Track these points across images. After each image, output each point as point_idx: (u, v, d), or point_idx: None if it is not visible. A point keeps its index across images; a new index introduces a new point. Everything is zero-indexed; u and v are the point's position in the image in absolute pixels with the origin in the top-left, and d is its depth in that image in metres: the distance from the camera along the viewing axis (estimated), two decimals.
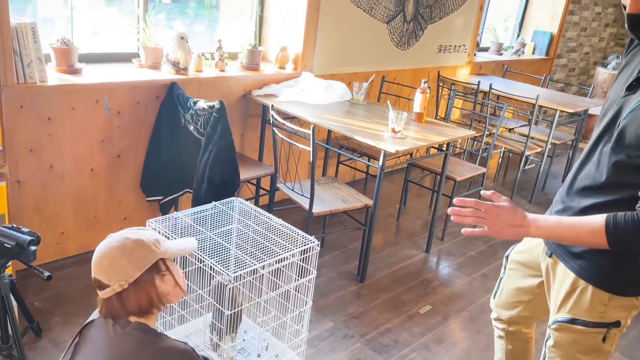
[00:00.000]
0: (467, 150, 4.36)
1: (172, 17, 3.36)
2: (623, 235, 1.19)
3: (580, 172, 1.38)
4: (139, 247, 1.29)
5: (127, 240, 1.30)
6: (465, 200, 1.33)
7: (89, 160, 2.73)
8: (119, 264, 1.27)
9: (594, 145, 1.34)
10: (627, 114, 1.23)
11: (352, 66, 3.88)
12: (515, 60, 5.63)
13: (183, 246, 1.39)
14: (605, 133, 1.30)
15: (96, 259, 1.30)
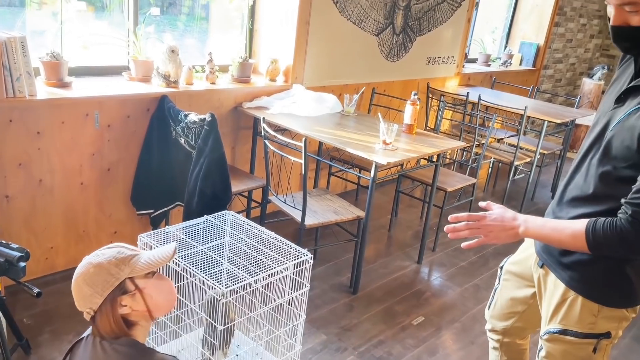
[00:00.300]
0: (457, 161, 4.39)
1: (162, 29, 3.36)
2: (600, 240, 1.23)
3: (570, 183, 1.40)
4: (99, 272, 1.26)
5: (89, 266, 1.28)
6: (458, 216, 1.40)
7: (79, 174, 2.71)
8: (82, 292, 1.27)
9: (584, 157, 1.36)
10: (614, 126, 1.26)
11: (342, 78, 3.90)
12: (503, 71, 5.70)
13: (154, 259, 1.32)
14: (594, 144, 1.33)
15: (72, 287, 1.30)
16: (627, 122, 1.22)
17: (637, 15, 1.17)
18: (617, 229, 1.21)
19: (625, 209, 1.21)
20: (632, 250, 1.23)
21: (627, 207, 1.20)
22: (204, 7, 3.57)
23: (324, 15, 3.55)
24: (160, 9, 3.28)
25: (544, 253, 1.47)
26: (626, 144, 1.22)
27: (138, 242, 1.90)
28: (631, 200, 1.20)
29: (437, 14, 4.45)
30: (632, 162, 1.21)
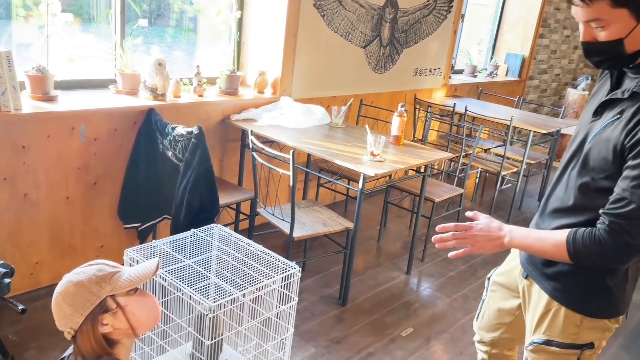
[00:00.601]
0: (445, 171, 4.41)
1: (150, 40, 3.36)
2: (580, 250, 1.25)
3: (552, 195, 1.42)
4: (79, 291, 1.25)
5: (69, 285, 1.27)
6: (445, 226, 1.42)
7: (65, 188, 2.69)
8: (63, 311, 1.26)
9: (564, 168, 1.39)
10: (592, 138, 1.29)
11: (330, 90, 3.92)
12: (489, 82, 5.76)
13: (136, 275, 1.31)
14: (574, 157, 1.35)
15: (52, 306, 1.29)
16: (603, 134, 1.25)
17: (603, 31, 1.19)
18: (596, 239, 1.23)
19: (603, 219, 1.23)
20: (611, 260, 1.25)
21: (605, 217, 1.23)
22: (192, 19, 3.58)
23: (311, 27, 3.58)
24: (148, 21, 3.29)
25: (528, 264, 1.48)
26: (602, 155, 1.24)
27: (124, 257, 1.88)
28: (608, 211, 1.22)
29: (423, 26, 4.49)
30: (609, 173, 1.24)
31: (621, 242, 1.20)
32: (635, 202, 1.16)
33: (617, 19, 1.16)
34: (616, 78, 1.31)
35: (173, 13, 3.50)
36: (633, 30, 1.16)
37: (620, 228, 1.19)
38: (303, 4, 3.46)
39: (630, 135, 1.17)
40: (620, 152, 1.20)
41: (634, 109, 1.19)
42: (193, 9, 3.54)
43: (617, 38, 1.18)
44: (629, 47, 1.19)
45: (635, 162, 1.16)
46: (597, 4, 1.16)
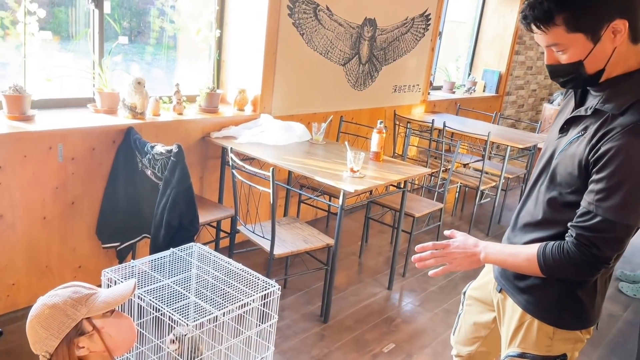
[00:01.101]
0: (425, 187, 4.46)
1: (130, 58, 3.37)
2: (551, 264, 1.29)
3: (522, 210, 1.46)
4: (54, 314, 1.24)
5: (44, 307, 1.26)
6: (423, 245, 1.46)
7: (42, 209, 2.66)
8: (38, 334, 1.25)
9: (534, 184, 1.42)
10: (558, 154, 1.33)
11: (310, 107, 3.95)
12: (468, 98, 5.86)
13: (112, 297, 1.30)
14: (542, 172, 1.39)
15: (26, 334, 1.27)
16: (569, 150, 1.29)
17: (564, 54, 1.25)
18: (565, 252, 1.26)
19: (571, 232, 1.27)
20: (580, 271, 1.27)
21: (573, 230, 1.26)
22: (172, 37, 3.60)
23: (290, 46, 3.61)
24: (128, 38, 3.29)
25: (502, 278, 1.51)
26: (569, 170, 1.28)
27: (102, 277, 1.87)
28: (576, 224, 1.25)
29: (401, 44, 4.57)
30: (575, 187, 1.27)
31: (589, 254, 1.23)
32: (601, 214, 1.20)
33: (575, 43, 1.21)
34: (580, 96, 1.36)
35: (153, 31, 3.51)
36: (591, 53, 1.21)
37: (587, 241, 1.23)
38: (282, 22, 3.50)
39: (593, 151, 1.21)
40: (585, 167, 1.24)
41: (596, 125, 1.24)
42: (173, 27, 3.55)
43: (577, 60, 1.23)
44: (589, 68, 1.24)
45: (599, 176, 1.20)
46: (554, 30, 1.21)
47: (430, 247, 1.46)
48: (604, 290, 1.41)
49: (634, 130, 1.17)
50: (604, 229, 1.20)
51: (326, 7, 3.76)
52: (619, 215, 1.19)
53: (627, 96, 1.21)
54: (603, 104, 1.25)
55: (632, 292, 3.67)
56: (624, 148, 1.17)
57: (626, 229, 1.21)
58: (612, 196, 1.18)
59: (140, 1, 3.38)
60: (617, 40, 1.19)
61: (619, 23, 1.17)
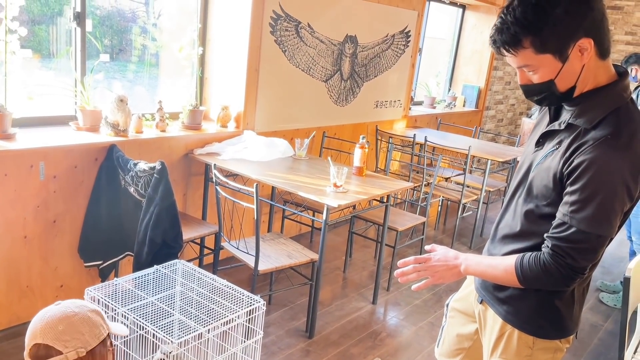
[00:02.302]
0: (408, 201, 4.50)
1: (112, 75, 3.37)
2: (528, 274, 1.32)
3: (501, 222, 1.50)
4: (97, 318, 1.27)
5: (85, 308, 1.28)
6: (405, 260, 1.49)
7: (22, 227, 2.63)
8: (78, 329, 1.22)
9: (512, 196, 1.46)
10: (535, 167, 1.37)
11: (293, 123, 3.98)
12: (448, 112, 5.95)
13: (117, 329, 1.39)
14: (520, 185, 1.43)
15: (48, 324, 1.22)
16: (544, 163, 1.33)
17: (535, 74, 1.30)
18: (541, 262, 1.30)
19: (547, 243, 1.30)
20: (556, 282, 1.30)
21: (549, 241, 1.29)
22: (154, 54, 3.61)
23: (273, 63, 3.65)
24: (110, 56, 3.30)
25: (482, 289, 1.54)
26: (544, 183, 1.32)
27: (85, 296, 1.85)
28: (551, 235, 1.29)
29: (382, 60, 4.64)
30: (551, 200, 1.31)
31: (564, 265, 1.26)
32: (575, 225, 1.24)
33: (544, 64, 1.26)
34: (554, 110, 1.40)
35: (135, 49, 3.52)
36: (560, 71, 1.26)
37: (562, 251, 1.26)
38: (264, 40, 3.54)
39: (567, 163, 1.26)
40: (559, 180, 1.28)
41: (570, 139, 1.28)
42: (155, 45, 3.57)
43: (548, 79, 1.28)
44: (560, 86, 1.28)
45: (572, 188, 1.24)
46: (522, 53, 1.26)
47: (412, 262, 1.48)
48: (582, 300, 1.44)
49: (605, 143, 1.21)
50: (579, 239, 1.24)
51: (307, 25, 3.81)
52: (592, 226, 1.23)
53: (598, 110, 1.26)
54: (575, 119, 1.29)
55: (613, 302, 3.73)
56: (596, 161, 1.21)
57: (600, 239, 1.24)
58: (585, 208, 1.22)
59: (121, 19, 3.40)
60: (584, 57, 1.24)
61: (585, 42, 1.22)
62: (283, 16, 3.61)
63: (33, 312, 1.27)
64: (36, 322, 1.25)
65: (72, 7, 2.98)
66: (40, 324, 1.21)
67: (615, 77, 1.30)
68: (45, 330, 1.20)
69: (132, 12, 3.49)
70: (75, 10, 2.97)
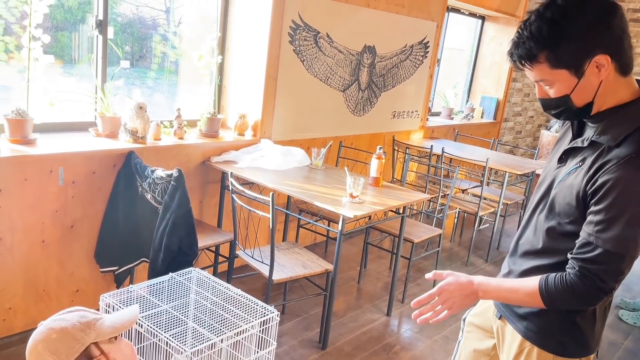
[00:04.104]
0: (424, 212, 4.46)
1: (132, 82, 3.40)
2: (554, 296, 1.28)
3: (521, 237, 1.47)
4: (62, 338, 1.22)
5: (51, 332, 1.24)
6: (419, 300, 1.42)
7: (41, 232, 2.66)
8: (57, 347, 1.22)
9: (533, 212, 1.43)
10: (557, 184, 1.35)
11: (310, 132, 3.98)
12: (466, 124, 5.91)
13: (120, 322, 1.31)
14: (541, 201, 1.40)
15: (32, 345, 1.25)
16: (567, 181, 1.31)
17: (551, 88, 1.28)
18: (568, 283, 1.26)
19: (572, 263, 1.27)
20: (583, 302, 1.28)
21: (574, 262, 1.26)
22: (174, 62, 3.64)
23: (291, 72, 3.66)
24: (130, 62, 3.33)
25: (501, 304, 1.51)
26: (567, 201, 1.29)
27: (100, 302, 1.86)
28: (577, 256, 1.26)
29: (400, 70, 4.63)
30: (573, 218, 1.28)
31: (593, 286, 1.23)
32: (601, 246, 1.21)
33: (559, 78, 1.25)
34: (577, 126, 1.38)
35: (155, 56, 3.56)
36: (576, 87, 1.24)
37: (590, 272, 1.23)
38: (283, 49, 3.55)
39: (591, 182, 1.23)
40: (582, 198, 1.25)
41: (593, 157, 1.26)
42: (175, 52, 3.60)
43: (564, 94, 1.26)
44: (577, 101, 1.27)
45: (597, 208, 1.21)
46: (538, 67, 1.25)
47: (425, 299, 1.42)
48: (604, 318, 1.41)
49: (630, 162, 1.19)
50: (605, 260, 1.21)
51: (326, 35, 3.82)
52: (618, 247, 1.20)
53: (622, 128, 1.23)
54: (599, 136, 1.27)
55: (633, 320, 3.64)
56: (621, 180, 1.18)
57: (626, 259, 1.22)
58: (611, 228, 1.20)
59: (142, 26, 3.44)
60: (602, 74, 1.22)
61: (601, 58, 1.20)
62: (302, 26, 3.63)
63: (49, 316, 1.27)
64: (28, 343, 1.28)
65: (95, 14, 3.02)
66: (28, 346, 1.25)
67: (638, 92, 1.27)
68: (30, 352, 1.24)
69: (152, 19, 3.53)
70: (98, 18, 3.01)
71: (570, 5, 1.20)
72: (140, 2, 3.50)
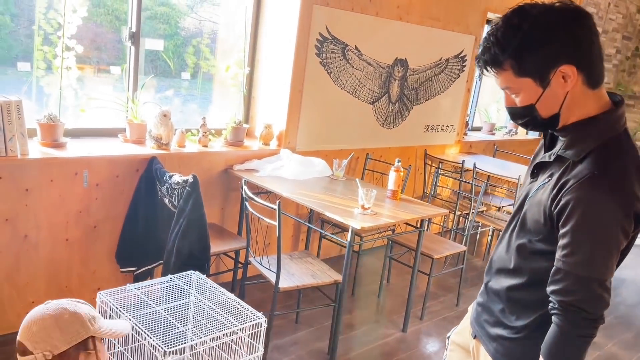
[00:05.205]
0: (454, 230, 4.36)
1: (163, 92, 3.55)
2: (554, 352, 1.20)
3: (495, 253, 1.41)
4: (74, 321, 1.29)
5: (64, 311, 1.30)
6: None
7: (65, 231, 2.80)
8: (49, 333, 1.27)
9: (506, 229, 1.39)
10: (528, 200, 1.29)
11: (337, 144, 3.99)
12: (508, 140, 5.73)
13: (116, 328, 1.39)
14: (514, 217, 1.36)
15: (26, 323, 1.29)
16: (536, 196, 1.26)
17: (517, 97, 1.24)
18: (556, 328, 1.20)
19: (552, 300, 1.20)
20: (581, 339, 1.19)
21: (552, 297, 1.20)
22: (206, 73, 3.77)
23: (317, 84, 3.70)
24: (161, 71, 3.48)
25: (476, 323, 1.46)
26: (536, 218, 1.24)
27: (97, 300, 1.94)
28: (552, 287, 1.20)
29: (434, 84, 4.57)
30: (543, 236, 1.23)
31: (579, 319, 1.17)
32: (570, 271, 1.15)
33: (524, 87, 1.20)
34: (549, 139, 1.33)
35: (188, 67, 3.70)
36: (541, 97, 1.20)
37: (570, 305, 1.17)
38: (309, 61, 3.59)
39: (554, 202, 1.18)
40: (549, 217, 1.21)
41: (559, 173, 1.21)
42: (207, 64, 3.73)
43: (529, 104, 1.22)
44: (542, 112, 1.22)
45: (563, 231, 1.17)
46: (503, 74, 1.21)
47: None
48: None
49: (591, 181, 1.14)
50: (578, 287, 1.16)
51: (355, 47, 3.84)
52: (587, 270, 1.15)
53: (586, 143, 1.18)
54: (564, 150, 1.22)
55: None
56: (583, 200, 1.13)
57: (598, 282, 1.16)
58: (578, 251, 1.15)
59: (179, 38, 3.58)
60: (568, 85, 1.17)
61: (567, 68, 1.15)
62: (329, 39, 3.66)
63: None
64: (24, 320, 1.33)
65: (128, 26, 3.18)
66: (23, 323, 1.28)
67: (608, 106, 1.21)
68: (23, 329, 1.27)
69: (187, 30, 3.68)
70: (131, 30, 3.17)
71: (537, 13, 1.16)
72: (203, 16, 3.68)
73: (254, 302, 2.69)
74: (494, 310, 1.39)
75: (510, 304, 1.34)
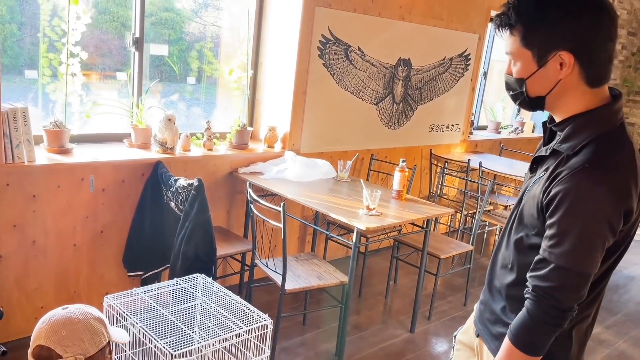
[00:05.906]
0: (460, 230, 4.35)
1: (167, 96, 3.57)
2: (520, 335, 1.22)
3: (499, 250, 1.42)
4: (98, 326, 1.33)
5: (90, 315, 1.33)
6: None
7: (72, 236, 2.83)
8: (80, 336, 1.28)
9: (507, 224, 1.38)
10: (525, 194, 1.29)
11: (341, 145, 3.99)
12: (514, 138, 5.71)
13: (118, 336, 1.44)
14: (513, 213, 1.36)
15: (53, 327, 1.28)
16: (532, 190, 1.26)
17: (514, 66, 1.25)
18: (525, 311, 1.21)
19: (528, 284, 1.21)
20: (548, 327, 1.19)
21: (530, 281, 1.21)
22: (209, 76, 3.79)
23: (320, 85, 3.70)
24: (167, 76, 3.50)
25: (479, 322, 1.46)
26: (531, 212, 1.24)
27: (103, 304, 1.95)
28: (531, 273, 1.21)
29: (439, 83, 4.56)
30: (537, 230, 1.23)
31: (549, 306, 1.17)
32: (554, 261, 1.15)
33: (523, 58, 1.22)
34: (548, 134, 1.33)
35: (191, 71, 3.72)
36: (534, 74, 1.21)
37: (544, 292, 1.17)
38: (312, 63, 3.60)
39: (545, 193, 1.18)
40: (541, 210, 1.20)
41: (553, 166, 1.20)
42: (210, 67, 3.75)
43: (521, 77, 1.23)
44: (530, 89, 1.23)
45: (551, 221, 1.16)
46: (511, 39, 1.23)
47: None
48: (583, 340, 1.32)
49: (583, 172, 1.13)
50: (558, 277, 1.15)
51: (358, 48, 3.84)
52: (571, 262, 1.14)
53: (582, 136, 1.18)
54: (560, 144, 1.22)
55: None
56: (572, 190, 1.13)
57: (581, 276, 1.15)
58: (563, 242, 1.14)
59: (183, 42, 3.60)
60: (562, 72, 1.18)
61: (565, 55, 1.16)
62: (332, 40, 3.67)
63: None
64: (42, 324, 1.33)
65: (132, 32, 3.20)
66: (46, 327, 1.29)
67: (607, 100, 1.21)
68: (49, 333, 1.27)
69: (191, 34, 3.70)
70: (135, 36, 3.19)
71: None
72: (207, 20, 3.70)
73: (260, 304, 2.70)
74: (495, 308, 1.39)
75: (510, 301, 1.34)
